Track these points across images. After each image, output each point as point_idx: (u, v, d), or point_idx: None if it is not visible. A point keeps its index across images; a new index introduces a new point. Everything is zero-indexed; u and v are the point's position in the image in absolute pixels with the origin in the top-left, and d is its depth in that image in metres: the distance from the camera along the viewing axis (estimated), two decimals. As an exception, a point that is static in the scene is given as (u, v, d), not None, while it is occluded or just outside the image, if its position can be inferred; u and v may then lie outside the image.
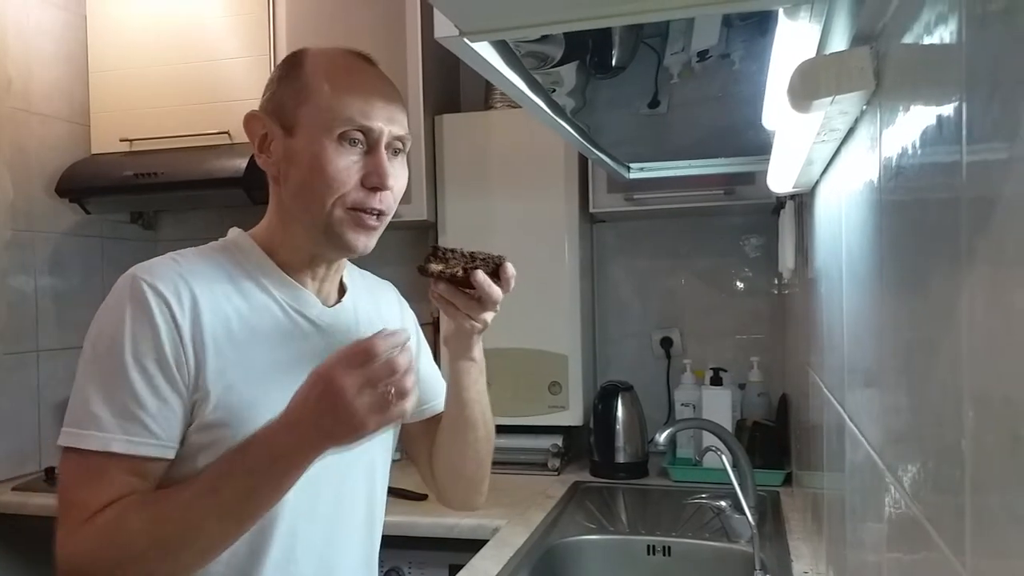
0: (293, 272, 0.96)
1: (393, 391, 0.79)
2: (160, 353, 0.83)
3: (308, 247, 0.95)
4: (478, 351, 1.04)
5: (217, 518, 0.81)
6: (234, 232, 0.99)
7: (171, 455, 0.85)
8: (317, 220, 0.91)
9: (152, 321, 0.83)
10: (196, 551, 0.82)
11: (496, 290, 0.93)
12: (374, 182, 0.90)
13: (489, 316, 0.97)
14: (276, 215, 0.97)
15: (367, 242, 0.93)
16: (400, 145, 0.94)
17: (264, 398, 0.85)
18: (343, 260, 1.01)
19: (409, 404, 0.81)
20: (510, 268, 0.94)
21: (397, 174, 0.93)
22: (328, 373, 0.79)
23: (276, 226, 0.96)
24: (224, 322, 0.88)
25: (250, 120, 0.95)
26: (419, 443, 1.14)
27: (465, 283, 0.92)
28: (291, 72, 0.93)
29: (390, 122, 0.91)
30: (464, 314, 0.96)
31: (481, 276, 0.92)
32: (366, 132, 0.89)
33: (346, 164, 0.89)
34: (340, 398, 0.78)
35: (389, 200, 0.93)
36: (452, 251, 0.93)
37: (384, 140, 0.90)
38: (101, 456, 0.82)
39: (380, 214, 0.92)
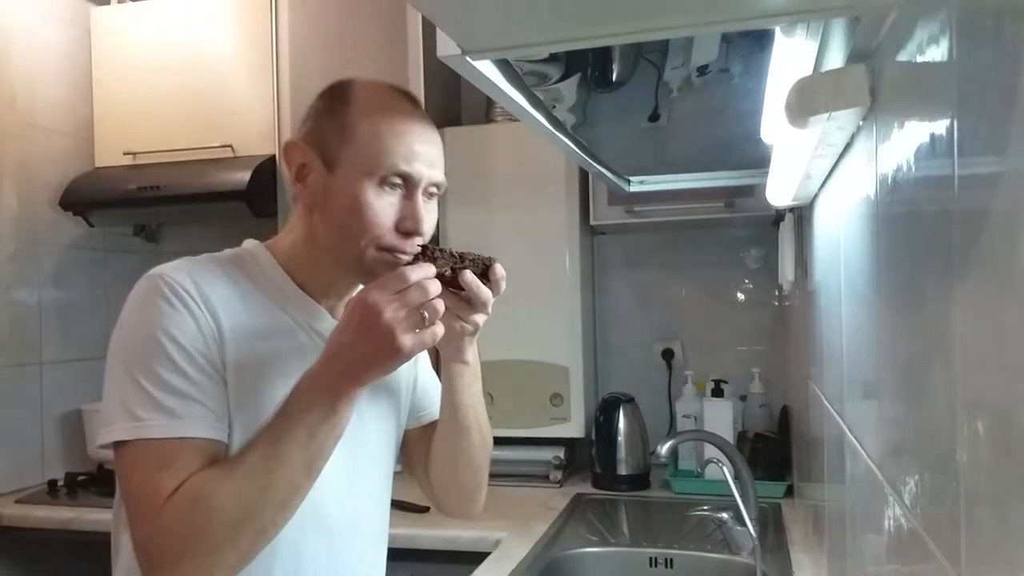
0: (308, 289, 0.97)
1: (427, 314, 0.82)
2: (197, 340, 0.85)
3: (332, 275, 0.96)
4: (471, 355, 1.03)
5: (290, 464, 0.82)
6: (251, 243, 0.99)
7: (226, 436, 0.86)
8: (349, 256, 0.92)
9: (185, 309, 0.85)
10: (275, 507, 0.83)
11: (485, 291, 0.93)
12: (408, 227, 0.91)
13: (480, 318, 0.97)
14: (302, 240, 0.97)
15: None
16: (435, 189, 0.95)
17: (271, 402, 0.87)
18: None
19: (440, 329, 0.85)
20: (499, 269, 0.94)
21: (430, 219, 0.95)
22: (365, 297, 0.82)
23: (300, 249, 0.97)
24: (240, 325, 0.89)
25: (290, 149, 0.95)
26: (416, 450, 1.14)
27: (454, 283, 0.91)
28: (336, 105, 0.93)
29: (430, 167, 0.92)
30: (453, 315, 0.96)
31: (469, 276, 0.91)
32: (406, 178, 0.91)
33: (384, 208, 0.90)
34: (378, 318, 0.80)
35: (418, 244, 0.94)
36: (441, 251, 0.92)
37: (422, 186, 0.92)
38: (173, 442, 0.82)
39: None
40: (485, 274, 0.93)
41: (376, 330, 0.81)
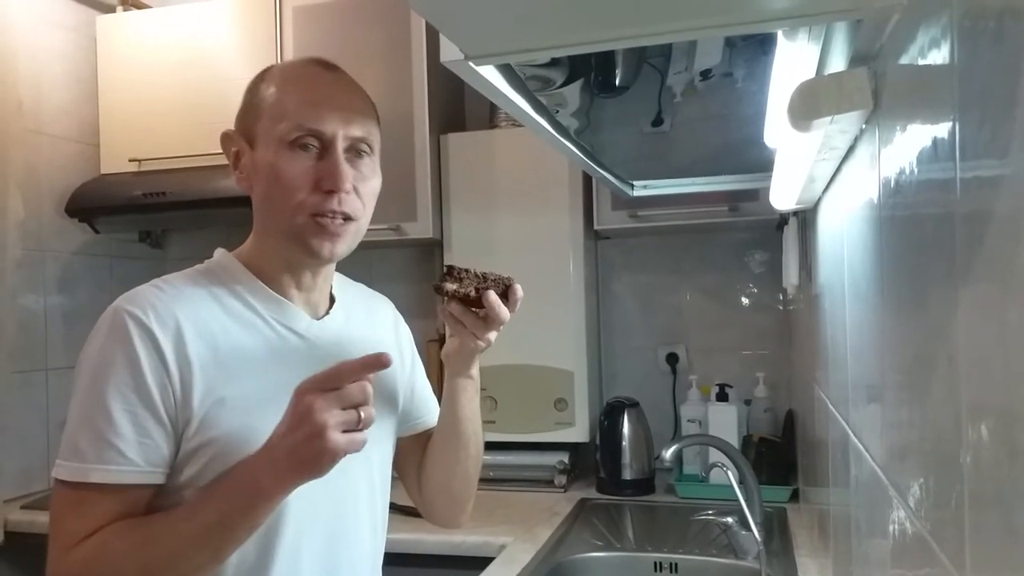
0: (277, 286, 0.96)
1: (363, 416, 0.78)
2: (140, 381, 0.84)
3: (283, 255, 0.96)
4: (476, 369, 1.06)
5: (194, 544, 0.81)
6: (219, 253, 1.00)
7: (155, 479, 0.85)
8: (283, 228, 0.92)
9: (132, 351, 0.84)
10: None
11: (504, 311, 0.96)
12: (328, 185, 0.90)
13: (493, 335, 1.00)
14: (255, 230, 0.98)
15: (332, 248, 0.92)
16: (365, 147, 0.94)
17: (255, 412, 0.86)
18: (329, 269, 1.01)
19: (365, 438, 0.80)
20: (519, 290, 0.97)
21: (362, 176, 0.93)
22: (300, 390, 0.79)
23: (256, 241, 0.98)
24: (210, 342, 0.88)
25: (224, 139, 0.99)
26: (408, 458, 1.14)
27: (476, 303, 0.95)
28: (254, 87, 0.96)
29: (345, 124, 0.91)
30: (470, 333, 0.98)
31: (493, 296, 0.95)
32: (318, 136, 0.90)
33: (301, 170, 0.90)
34: (310, 413, 0.76)
35: (352, 203, 0.92)
36: (466, 271, 0.95)
37: (340, 143, 0.91)
38: (83, 486, 0.83)
39: (346, 218, 0.92)
40: (504, 294, 0.96)
41: (307, 424, 0.76)
